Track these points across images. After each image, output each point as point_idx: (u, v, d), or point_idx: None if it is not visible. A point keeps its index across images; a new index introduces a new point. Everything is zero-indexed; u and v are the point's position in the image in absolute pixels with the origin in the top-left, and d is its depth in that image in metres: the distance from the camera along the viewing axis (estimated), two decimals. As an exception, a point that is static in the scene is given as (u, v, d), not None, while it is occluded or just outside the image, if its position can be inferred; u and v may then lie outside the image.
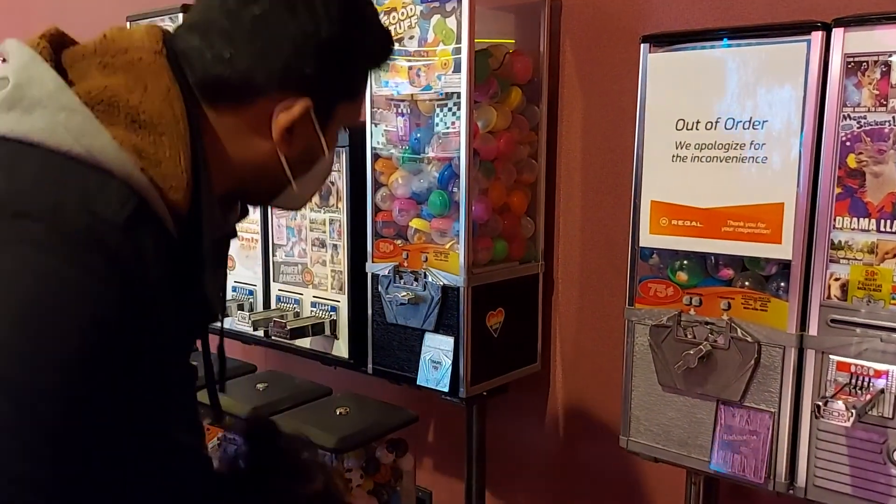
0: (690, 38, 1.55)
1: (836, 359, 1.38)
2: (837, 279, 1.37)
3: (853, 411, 1.26)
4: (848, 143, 1.34)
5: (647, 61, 1.56)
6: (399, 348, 2.02)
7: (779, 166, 1.42)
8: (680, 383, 1.56)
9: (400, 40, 1.90)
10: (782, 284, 1.45)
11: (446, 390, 1.92)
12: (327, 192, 2.15)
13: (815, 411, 1.35)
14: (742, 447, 1.49)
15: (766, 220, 1.43)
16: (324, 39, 0.90)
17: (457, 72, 1.82)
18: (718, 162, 1.48)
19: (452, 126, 1.86)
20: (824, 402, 1.29)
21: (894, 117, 1.29)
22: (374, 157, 2.04)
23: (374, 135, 2.03)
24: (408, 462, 2.22)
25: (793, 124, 1.39)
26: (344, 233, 2.13)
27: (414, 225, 1.99)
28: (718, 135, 1.47)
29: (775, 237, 1.42)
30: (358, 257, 2.11)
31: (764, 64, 1.42)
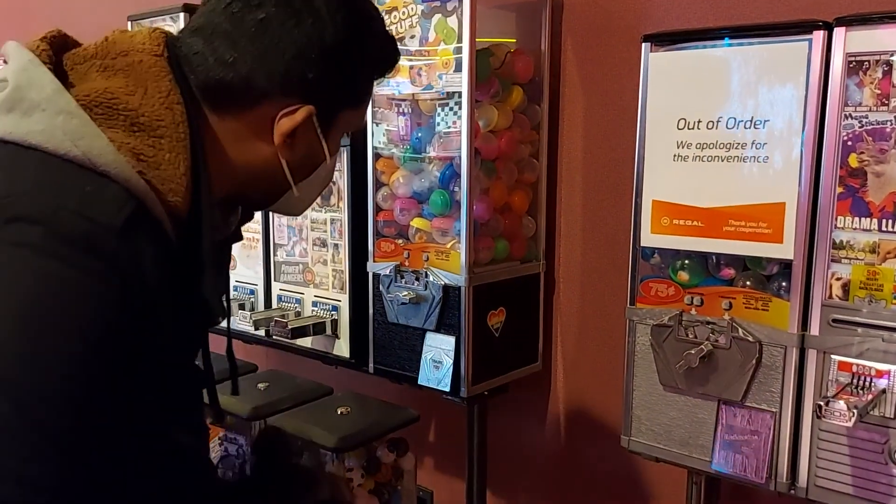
0: (692, 37, 1.55)
1: (837, 359, 1.38)
2: (839, 279, 1.37)
3: (855, 411, 1.26)
4: (849, 143, 1.33)
5: (648, 60, 1.56)
6: (400, 348, 2.02)
7: (780, 166, 1.41)
8: (681, 383, 1.56)
9: (401, 40, 1.90)
10: (784, 284, 1.45)
11: (447, 390, 1.91)
12: (328, 191, 2.15)
13: (816, 411, 1.34)
14: (743, 447, 1.49)
15: (768, 219, 1.43)
16: (328, 45, 0.90)
17: (458, 71, 1.82)
18: (720, 161, 1.48)
19: (453, 125, 1.86)
20: (826, 402, 1.29)
21: (896, 117, 1.29)
22: (376, 157, 2.04)
23: (376, 134, 2.03)
24: (409, 461, 2.22)
25: (794, 124, 1.39)
26: (345, 232, 2.13)
27: (415, 224, 1.99)
28: (720, 134, 1.47)
29: (777, 237, 1.42)
30: (359, 257, 2.10)
31: (765, 63, 1.42)
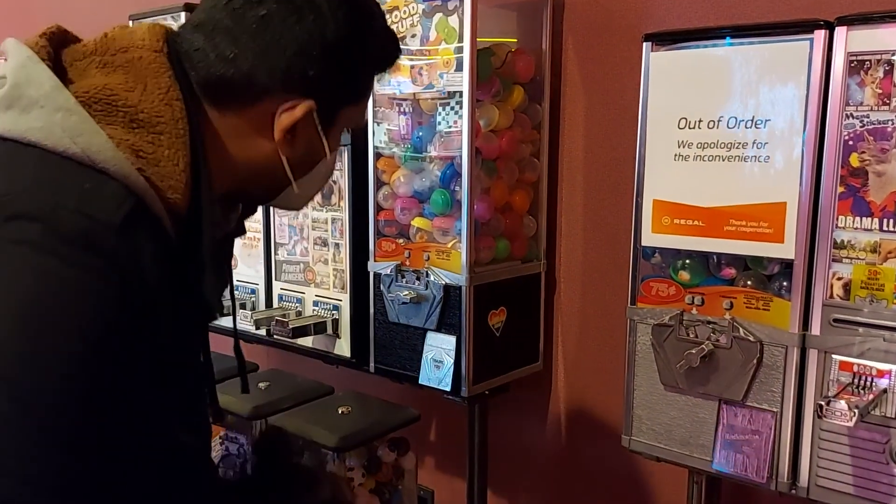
0: (693, 36, 1.54)
1: (838, 358, 1.38)
2: (840, 278, 1.36)
3: (856, 411, 1.26)
4: (851, 142, 1.33)
5: (649, 60, 1.56)
6: (401, 347, 2.02)
7: (781, 165, 1.41)
8: (682, 383, 1.56)
9: (402, 39, 1.90)
10: (785, 284, 1.45)
11: (448, 389, 1.91)
12: (329, 190, 2.15)
13: (817, 411, 1.34)
14: (744, 447, 1.49)
15: (769, 219, 1.43)
16: (329, 42, 0.90)
17: (459, 70, 1.82)
18: (721, 161, 1.47)
19: (454, 125, 1.86)
20: (827, 401, 1.29)
21: (897, 116, 1.29)
22: (377, 156, 2.04)
23: (377, 133, 2.03)
24: (409, 461, 2.22)
25: (795, 123, 1.39)
26: (346, 231, 2.13)
27: (416, 224, 1.99)
28: (721, 134, 1.47)
29: (778, 236, 1.42)
30: (360, 256, 2.10)
31: (766, 62, 1.41)
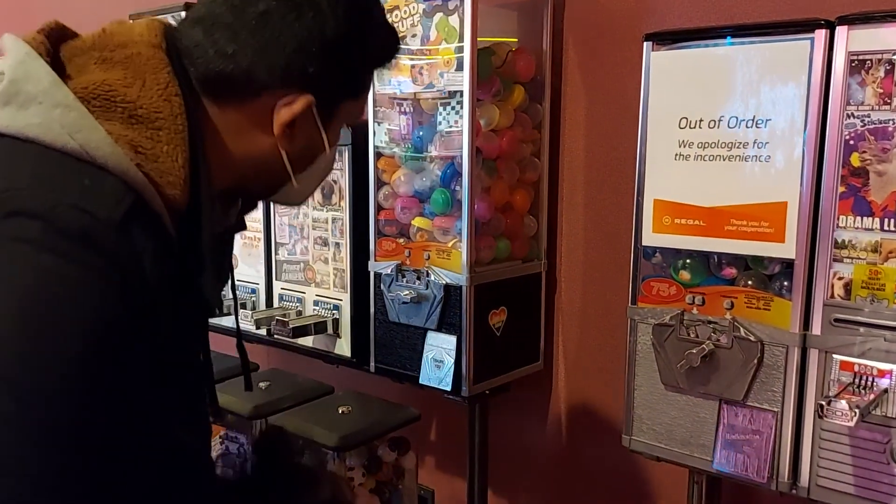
0: (693, 36, 1.54)
1: (839, 358, 1.38)
2: (841, 278, 1.36)
3: (856, 411, 1.26)
4: (851, 142, 1.33)
5: (650, 59, 1.56)
6: (401, 347, 2.02)
7: (782, 165, 1.41)
8: (683, 382, 1.55)
9: (402, 39, 1.90)
10: (785, 283, 1.45)
11: (449, 389, 1.91)
12: (330, 190, 2.15)
13: (818, 411, 1.34)
14: (745, 446, 1.49)
15: (770, 218, 1.43)
16: (328, 38, 0.90)
17: (459, 70, 1.81)
18: (721, 160, 1.47)
19: (455, 124, 1.86)
20: (827, 401, 1.29)
21: (898, 116, 1.28)
22: (377, 156, 2.04)
23: (377, 133, 2.03)
24: (410, 460, 2.22)
25: (796, 123, 1.39)
26: (346, 231, 2.13)
27: (416, 223, 1.99)
28: (721, 133, 1.47)
29: (778, 236, 1.42)
30: (360, 256, 2.10)
31: (767, 62, 1.41)
